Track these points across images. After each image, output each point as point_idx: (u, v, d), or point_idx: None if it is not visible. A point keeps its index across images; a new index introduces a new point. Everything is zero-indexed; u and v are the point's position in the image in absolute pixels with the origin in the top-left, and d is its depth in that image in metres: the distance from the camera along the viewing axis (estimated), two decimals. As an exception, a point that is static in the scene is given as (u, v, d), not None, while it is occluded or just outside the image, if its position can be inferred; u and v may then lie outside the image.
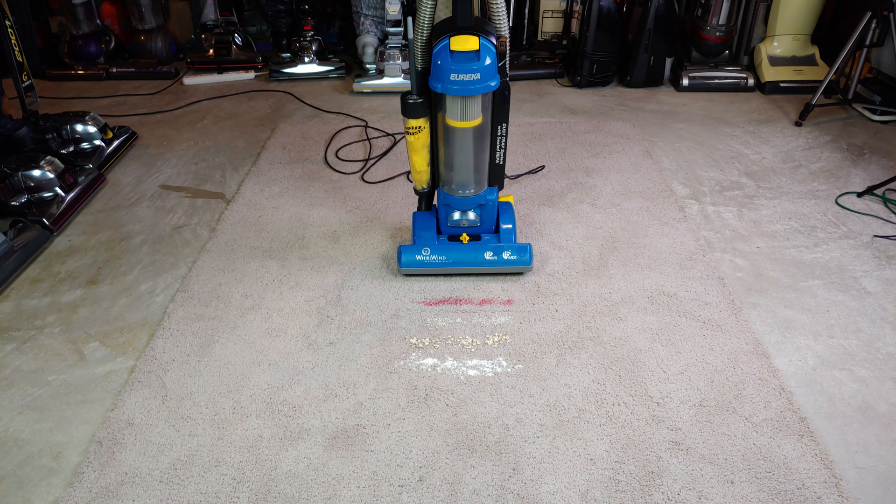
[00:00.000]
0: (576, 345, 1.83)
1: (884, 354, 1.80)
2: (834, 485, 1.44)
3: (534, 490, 1.44)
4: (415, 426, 1.59)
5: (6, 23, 2.60)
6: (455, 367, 1.76)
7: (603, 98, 3.54)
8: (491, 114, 1.84)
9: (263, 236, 2.34)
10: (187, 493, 1.44)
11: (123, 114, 3.39)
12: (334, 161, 2.87)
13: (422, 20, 1.73)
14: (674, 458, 1.50)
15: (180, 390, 1.71)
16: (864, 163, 2.80)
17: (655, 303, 1.98)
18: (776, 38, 3.57)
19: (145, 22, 3.96)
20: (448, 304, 2.00)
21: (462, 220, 2.07)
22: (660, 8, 3.43)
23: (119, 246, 2.32)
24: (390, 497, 1.43)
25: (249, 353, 1.82)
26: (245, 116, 3.36)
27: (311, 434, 1.58)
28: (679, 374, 1.73)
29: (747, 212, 2.46)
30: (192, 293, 2.06)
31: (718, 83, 3.59)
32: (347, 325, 1.92)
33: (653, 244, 2.26)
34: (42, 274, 2.18)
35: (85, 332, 1.92)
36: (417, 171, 1.99)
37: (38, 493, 1.46)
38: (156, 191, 2.68)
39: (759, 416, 1.60)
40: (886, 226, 2.36)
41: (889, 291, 2.03)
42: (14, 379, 1.76)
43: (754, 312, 1.95)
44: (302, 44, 3.87)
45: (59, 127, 2.82)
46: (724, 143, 3.01)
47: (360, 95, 3.59)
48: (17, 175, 2.42)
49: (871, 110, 3.21)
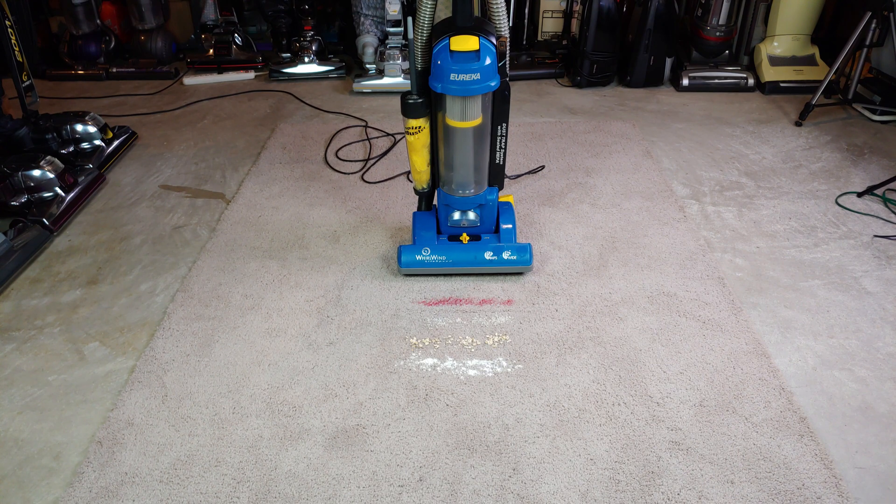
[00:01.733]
0: (576, 345, 1.83)
1: (884, 354, 1.80)
2: (834, 485, 1.44)
3: (534, 490, 1.44)
4: (415, 426, 1.59)
5: (6, 23, 2.60)
6: (455, 367, 1.76)
7: (603, 98, 3.54)
8: (491, 114, 1.84)
9: (263, 236, 2.34)
10: (187, 493, 1.45)
11: (123, 114, 3.40)
12: (334, 161, 2.87)
13: (422, 20, 1.73)
14: (674, 458, 1.50)
15: (180, 390, 1.71)
16: (864, 163, 2.80)
17: (655, 303, 1.98)
18: (776, 38, 3.57)
19: (145, 22, 3.96)
20: (448, 304, 2.00)
21: (462, 220, 2.07)
22: (660, 8, 3.43)
23: (119, 246, 2.32)
24: (390, 497, 1.43)
25: (249, 353, 1.82)
26: (245, 116, 3.36)
27: (311, 434, 1.58)
28: (679, 374, 1.73)
29: (747, 212, 2.46)
30: (192, 293, 2.06)
31: (718, 83, 3.59)
32: (347, 325, 1.92)
33: (653, 244, 2.26)
34: (42, 274, 2.18)
35: (85, 332, 1.92)
36: (417, 171, 1.99)
37: (38, 493, 1.46)
38: (156, 191, 2.68)
39: (759, 416, 1.60)
40: (886, 226, 2.36)
41: (889, 291, 2.03)
42: (14, 379, 1.76)
43: (754, 312, 1.95)
44: (302, 44, 3.86)
45: (59, 127, 2.82)
46: (724, 143, 3.01)
47: (360, 95, 3.59)
48: (17, 175, 2.42)
49: (871, 110, 3.21)
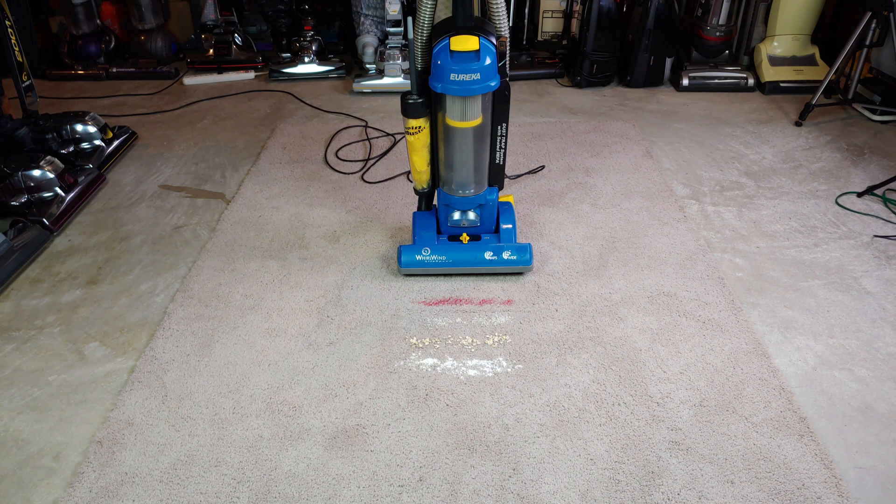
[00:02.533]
0: (576, 345, 1.83)
1: (884, 354, 1.80)
2: (834, 485, 1.44)
3: (534, 490, 1.44)
4: (415, 426, 1.59)
5: (6, 23, 2.59)
6: (455, 367, 1.76)
7: (603, 98, 3.54)
8: (491, 114, 1.84)
9: (263, 236, 2.34)
10: (187, 493, 1.45)
11: (123, 114, 3.40)
12: (334, 161, 2.87)
13: (422, 20, 1.73)
14: (674, 458, 1.50)
15: (180, 390, 1.71)
16: (864, 163, 2.80)
17: (655, 303, 1.98)
18: (776, 38, 3.57)
19: (145, 22, 3.96)
20: (448, 304, 2.00)
21: (462, 220, 2.07)
22: (660, 8, 3.43)
23: (119, 246, 2.32)
24: (390, 497, 1.43)
25: (249, 353, 1.82)
26: (245, 116, 3.36)
27: (311, 434, 1.58)
28: (679, 374, 1.73)
29: (747, 212, 2.46)
30: (192, 293, 2.06)
31: (718, 83, 3.59)
32: (347, 325, 1.92)
33: (653, 244, 2.26)
34: (42, 274, 2.18)
35: (85, 332, 1.92)
36: (417, 171, 1.99)
37: (38, 493, 1.46)
38: (156, 191, 2.68)
39: (759, 416, 1.60)
40: (886, 226, 2.36)
41: (889, 291, 2.03)
42: (14, 379, 1.76)
43: (754, 312, 1.95)
44: (302, 44, 3.86)
45: (59, 127, 2.82)
46: (724, 143, 3.01)
47: (360, 95, 3.59)
48: (17, 175, 2.42)
49: (871, 110, 3.21)
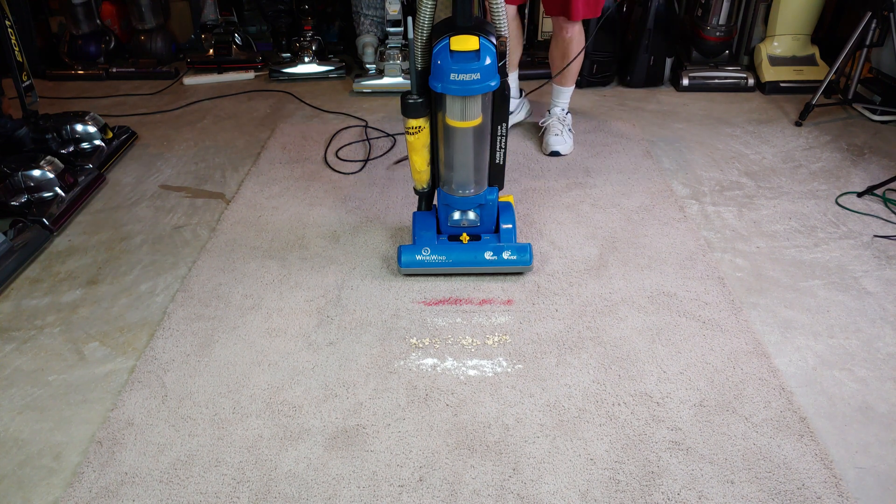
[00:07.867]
0: (576, 345, 1.83)
1: (884, 354, 1.80)
2: (834, 485, 1.44)
3: (534, 490, 1.44)
4: (415, 426, 1.59)
5: (6, 23, 2.59)
6: (455, 367, 1.76)
7: (603, 98, 3.54)
8: (491, 114, 1.84)
9: (263, 236, 2.34)
10: (187, 493, 1.45)
11: (123, 114, 3.39)
12: (334, 161, 2.87)
13: (422, 20, 1.73)
14: (674, 458, 1.50)
15: (180, 390, 1.71)
16: (864, 163, 2.80)
17: (655, 303, 1.98)
18: (776, 38, 3.57)
19: (145, 22, 3.96)
20: (448, 304, 2.00)
21: (462, 219, 2.07)
22: (660, 8, 3.43)
23: (119, 246, 2.32)
24: (390, 497, 1.43)
25: (249, 353, 1.82)
26: (245, 116, 3.36)
27: (311, 434, 1.58)
28: (679, 374, 1.73)
29: (747, 212, 2.46)
30: (192, 293, 2.06)
31: (718, 83, 3.58)
32: (347, 325, 1.92)
33: (653, 244, 2.26)
34: (42, 274, 2.18)
35: (85, 332, 1.92)
36: (417, 170, 1.99)
37: (38, 493, 1.46)
38: (156, 191, 2.68)
39: (759, 416, 1.60)
40: (886, 226, 2.36)
41: (889, 291, 2.03)
42: (14, 379, 1.76)
43: (754, 312, 1.95)
44: (302, 44, 3.86)
45: (59, 127, 2.82)
46: (724, 143, 3.01)
47: (360, 95, 3.59)
48: (17, 175, 2.42)
49: (871, 110, 3.21)
